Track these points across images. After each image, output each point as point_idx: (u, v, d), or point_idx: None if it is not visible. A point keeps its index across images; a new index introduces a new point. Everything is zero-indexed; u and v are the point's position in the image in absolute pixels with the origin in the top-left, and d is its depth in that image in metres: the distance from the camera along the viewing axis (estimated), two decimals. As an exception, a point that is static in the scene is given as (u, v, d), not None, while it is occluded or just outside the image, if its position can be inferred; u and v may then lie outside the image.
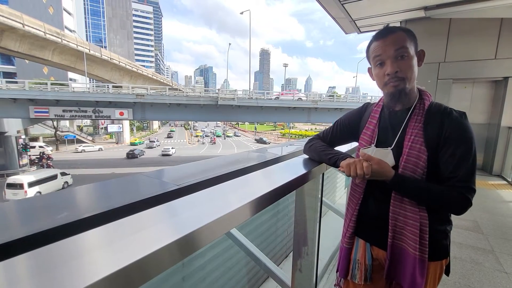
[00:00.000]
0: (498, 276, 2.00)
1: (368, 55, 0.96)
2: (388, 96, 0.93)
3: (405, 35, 0.87)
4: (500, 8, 4.14)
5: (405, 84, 0.87)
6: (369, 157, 0.87)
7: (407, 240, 0.87)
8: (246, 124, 76.14)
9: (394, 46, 0.86)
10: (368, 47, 0.94)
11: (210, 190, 0.67)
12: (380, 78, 0.91)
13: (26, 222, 0.62)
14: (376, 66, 0.92)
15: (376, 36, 0.90)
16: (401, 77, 0.86)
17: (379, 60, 0.89)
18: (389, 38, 0.87)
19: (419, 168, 0.84)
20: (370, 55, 0.94)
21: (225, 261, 1.58)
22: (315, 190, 1.14)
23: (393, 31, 0.88)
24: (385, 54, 0.87)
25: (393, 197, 0.89)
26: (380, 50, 0.88)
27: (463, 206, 0.81)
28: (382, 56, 0.88)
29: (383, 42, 0.88)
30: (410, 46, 0.86)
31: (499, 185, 4.42)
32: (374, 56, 0.91)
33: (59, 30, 28.24)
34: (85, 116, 22.24)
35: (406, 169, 0.86)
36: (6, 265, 0.34)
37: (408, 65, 0.86)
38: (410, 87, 0.89)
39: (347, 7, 4.16)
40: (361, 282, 0.99)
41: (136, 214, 0.51)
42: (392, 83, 0.88)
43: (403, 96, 0.89)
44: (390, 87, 0.89)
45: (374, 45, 0.91)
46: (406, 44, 0.86)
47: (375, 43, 0.91)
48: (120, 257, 0.36)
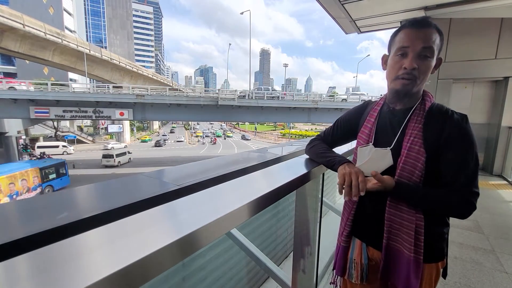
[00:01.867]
0: (499, 276, 2.00)
1: (392, 41, 0.90)
2: (392, 92, 0.91)
3: (437, 35, 0.83)
4: (500, 8, 4.14)
5: (413, 85, 0.85)
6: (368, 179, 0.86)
7: (402, 242, 0.86)
8: (246, 124, 76.20)
9: (423, 43, 0.82)
10: (396, 33, 0.89)
11: (211, 190, 0.67)
12: (396, 69, 0.86)
13: (27, 223, 0.62)
14: (397, 55, 0.86)
15: (410, 23, 0.85)
16: (415, 76, 0.83)
17: (402, 51, 0.85)
18: (423, 30, 0.82)
19: (417, 170, 0.83)
20: (395, 42, 0.88)
21: (225, 261, 1.57)
22: (315, 190, 1.14)
23: (429, 25, 0.83)
24: (412, 46, 0.83)
25: (390, 198, 0.88)
26: (408, 40, 0.83)
27: (467, 211, 0.80)
28: (409, 48, 0.83)
29: (416, 33, 0.83)
30: (436, 48, 0.84)
31: (499, 185, 4.42)
32: (399, 44, 0.86)
33: (60, 30, 28.27)
34: (86, 117, 22.29)
35: (404, 171, 0.85)
36: (7, 265, 0.34)
37: (427, 67, 0.84)
38: (416, 90, 0.87)
39: (347, 7, 4.16)
40: (357, 281, 0.99)
41: (136, 214, 0.51)
42: (403, 80, 0.85)
43: (407, 97, 0.88)
44: (399, 83, 0.86)
45: (406, 31, 0.85)
46: (434, 45, 0.83)
47: (406, 29, 0.85)
48: (121, 257, 0.36)
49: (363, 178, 0.84)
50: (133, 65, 41.18)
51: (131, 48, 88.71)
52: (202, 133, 54.98)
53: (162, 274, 0.44)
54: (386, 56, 0.94)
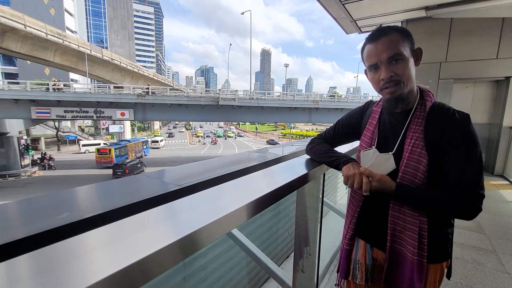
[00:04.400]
0: (500, 277, 1.99)
1: (362, 57, 0.92)
2: (385, 101, 0.91)
3: (399, 36, 0.82)
4: (502, 8, 4.13)
5: (401, 89, 0.83)
6: (370, 173, 0.85)
7: (406, 245, 0.86)
8: (247, 124, 76.23)
9: (387, 51, 0.81)
10: (362, 50, 0.91)
11: (211, 191, 0.67)
12: (376, 83, 0.88)
13: (28, 223, 0.62)
14: (370, 71, 0.88)
15: (369, 38, 0.87)
16: (396, 81, 0.83)
17: (373, 65, 0.86)
18: (381, 41, 0.83)
19: (420, 173, 0.82)
20: (364, 59, 0.90)
21: (226, 261, 1.57)
22: (316, 190, 1.14)
23: (385, 32, 0.83)
24: (378, 59, 0.83)
25: (392, 201, 0.87)
26: (373, 54, 0.84)
27: (472, 213, 0.78)
28: (376, 61, 0.84)
29: (375, 46, 0.84)
30: (404, 48, 0.82)
31: (501, 185, 4.40)
32: (368, 60, 0.87)
33: (61, 31, 28.30)
34: (87, 117, 22.34)
35: (406, 174, 0.84)
36: (7, 265, 0.34)
37: (403, 68, 0.82)
38: (408, 90, 0.85)
39: (348, 7, 4.16)
40: (362, 282, 0.98)
41: (137, 215, 0.51)
42: (387, 89, 0.85)
43: (401, 101, 0.86)
44: (386, 94, 0.86)
45: (367, 48, 0.87)
46: (400, 47, 0.81)
47: (368, 46, 0.87)
48: (121, 257, 0.36)
49: (367, 179, 0.84)
50: (134, 66, 41.22)
51: (132, 48, 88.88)
52: (203, 133, 55.12)
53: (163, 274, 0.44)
54: (366, 70, 0.94)
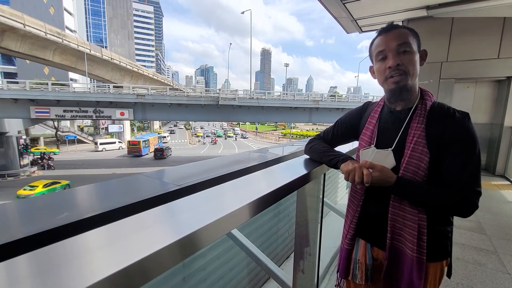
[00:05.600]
0: (501, 277, 1.99)
1: (370, 52, 0.95)
2: (388, 92, 0.92)
3: (408, 32, 0.87)
4: (503, 7, 4.12)
5: (407, 79, 0.86)
6: (371, 164, 0.86)
7: (405, 242, 0.86)
8: (247, 124, 76.24)
9: (397, 40, 0.86)
10: (371, 44, 0.94)
11: (211, 191, 0.67)
12: (381, 73, 0.90)
13: (27, 223, 0.62)
14: (378, 61, 0.91)
15: (380, 32, 0.91)
16: (403, 70, 0.85)
17: (381, 55, 0.89)
18: (391, 33, 0.88)
19: (421, 170, 0.83)
20: (373, 51, 0.93)
21: (226, 261, 1.57)
22: (316, 190, 1.14)
23: (396, 27, 0.88)
24: (387, 47, 0.87)
25: (393, 198, 0.88)
26: (382, 44, 0.88)
27: (469, 210, 0.80)
28: (385, 50, 0.88)
29: (385, 36, 0.88)
30: (413, 42, 0.86)
31: (502, 185, 4.40)
32: (376, 50, 0.90)
33: (60, 30, 28.27)
34: (86, 116, 22.33)
35: (408, 171, 0.85)
36: (7, 266, 0.34)
37: (410, 59, 0.86)
38: (411, 84, 0.88)
39: (349, 6, 4.15)
40: (362, 282, 0.99)
41: (136, 215, 0.50)
42: (393, 78, 0.87)
43: (404, 93, 0.88)
44: (391, 83, 0.88)
45: (377, 40, 0.91)
46: (409, 40, 0.86)
47: (378, 38, 0.91)
48: (121, 257, 0.36)
49: (367, 171, 0.84)
50: (133, 65, 41.18)
51: (132, 47, 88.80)
52: (202, 133, 55.10)
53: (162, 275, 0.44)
54: (372, 66, 0.97)
